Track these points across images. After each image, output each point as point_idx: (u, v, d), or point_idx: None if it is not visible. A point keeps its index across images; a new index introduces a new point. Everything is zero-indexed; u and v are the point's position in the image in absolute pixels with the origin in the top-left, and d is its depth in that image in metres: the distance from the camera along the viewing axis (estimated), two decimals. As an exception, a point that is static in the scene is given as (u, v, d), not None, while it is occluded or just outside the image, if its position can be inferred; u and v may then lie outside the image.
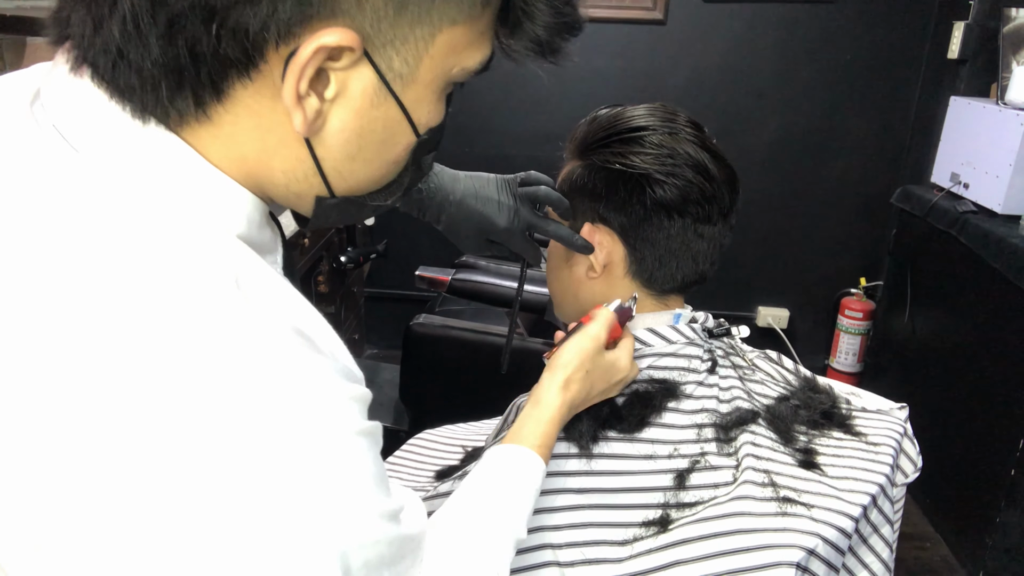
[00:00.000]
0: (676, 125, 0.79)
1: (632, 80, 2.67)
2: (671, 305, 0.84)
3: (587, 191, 0.80)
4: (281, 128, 0.47)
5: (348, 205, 0.54)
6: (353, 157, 0.50)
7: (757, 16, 2.58)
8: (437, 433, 1.12)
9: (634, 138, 0.77)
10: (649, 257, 0.79)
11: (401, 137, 0.51)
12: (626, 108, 0.81)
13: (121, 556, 0.39)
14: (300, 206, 0.53)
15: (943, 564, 2.04)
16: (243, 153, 0.47)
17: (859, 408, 0.88)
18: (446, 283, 1.77)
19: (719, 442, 0.77)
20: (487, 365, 1.81)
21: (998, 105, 2.04)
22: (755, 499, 0.72)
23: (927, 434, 2.20)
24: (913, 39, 2.57)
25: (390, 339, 3.01)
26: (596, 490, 0.73)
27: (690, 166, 0.77)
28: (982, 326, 2.01)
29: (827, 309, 2.87)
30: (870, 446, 0.83)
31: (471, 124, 2.75)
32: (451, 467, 1.02)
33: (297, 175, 0.49)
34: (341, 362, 0.46)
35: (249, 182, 0.49)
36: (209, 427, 0.39)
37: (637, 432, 0.76)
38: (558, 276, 0.87)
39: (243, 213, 0.49)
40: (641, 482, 0.74)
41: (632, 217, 0.78)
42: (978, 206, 2.07)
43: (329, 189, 0.51)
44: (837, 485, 0.76)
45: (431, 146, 0.55)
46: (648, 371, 0.79)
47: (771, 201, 2.75)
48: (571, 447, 0.75)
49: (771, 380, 0.89)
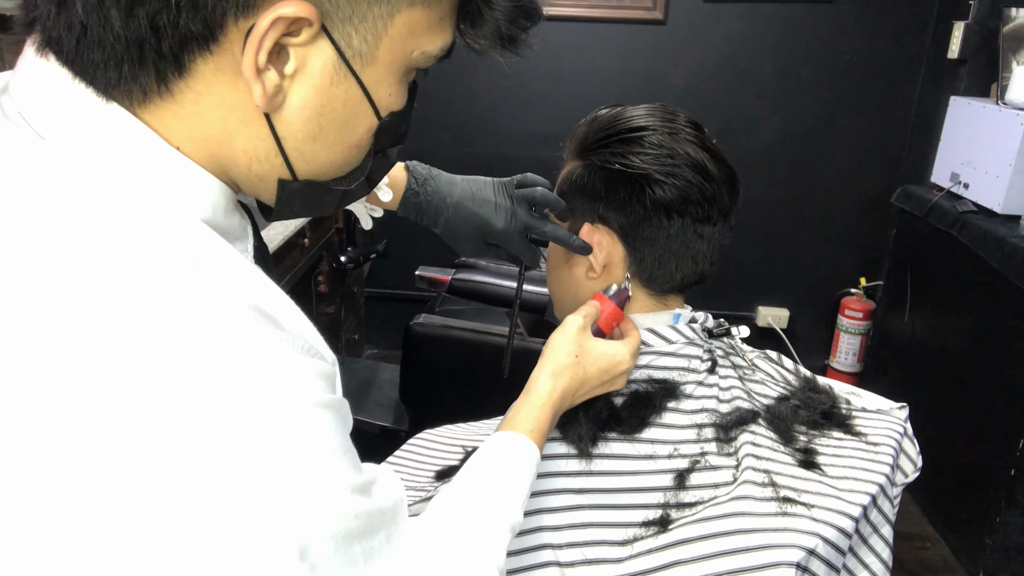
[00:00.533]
0: (676, 125, 0.79)
1: (632, 80, 2.67)
2: (671, 305, 0.84)
3: (587, 191, 0.80)
4: (243, 106, 0.47)
5: (312, 191, 0.54)
6: (315, 137, 0.50)
7: (757, 16, 2.58)
8: (437, 433, 1.12)
9: (634, 138, 0.77)
10: (649, 257, 0.79)
11: (362, 119, 0.52)
12: (626, 108, 0.81)
13: (73, 525, 0.39)
14: (263, 190, 0.54)
15: (943, 564, 2.04)
16: (206, 132, 0.48)
17: (859, 408, 0.88)
18: (446, 283, 1.77)
19: (719, 442, 0.77)
20: (487, 365, 1.81)
21: (998, 105, 2.04)
22: (755, 499, 0.72)
23: (927, 434, 2.20)
24: (913, 39, 2.57)
25: (390, 339, 3.01)
26: (596, 490, 0.73)
27: (690, 166, 0.77)
28: (982, 326, 2.01)
29: (827, 309, 2.87)
30: (870, 446, 0.83)
31: (471, 124, 2.75)
32: (451, 467, 1.02)
33: (259, 154, 0.50)
34: (308, 341, 0.46)
35: (213, 165, 0.50)
36: (161, 401, 0.39)
37: (637, 432, 0.76)
38: (558, 276, 0.87)
39: (206, 197, 0.49)
40: (641, 482, 0.74)
41: (632, 217, 0.78)
42: (978, 206, 2.07)
43: (292, 171, 0.52)
44: (837, 485, 0.76)
45: (395, 133, 0.56)
46: (648, 371, 0.79)
47: (771, 201, 2.76)
48: (571, 448, 0.75)
49: (771, 380, 0.89)
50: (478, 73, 2.69)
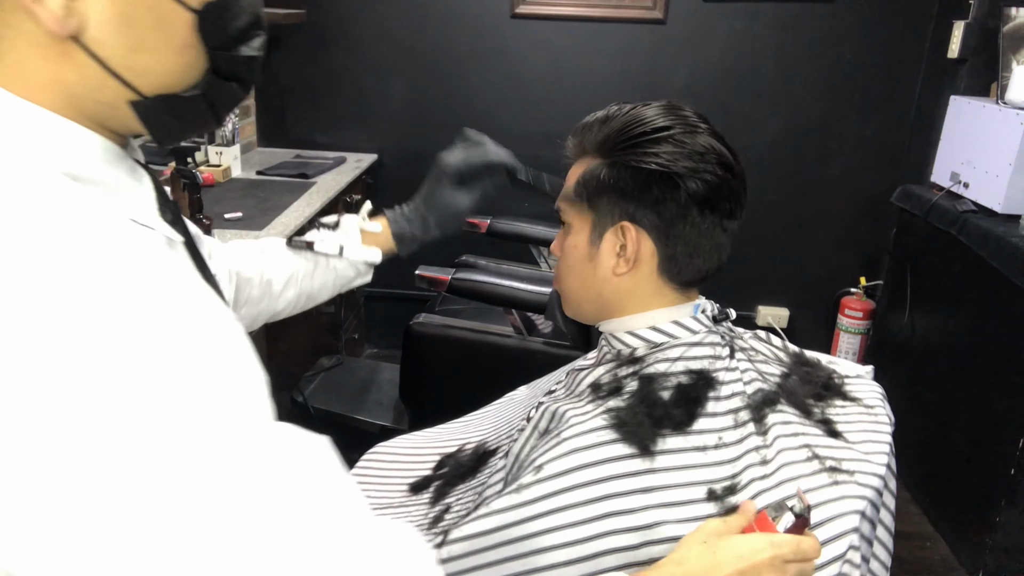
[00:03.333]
0: (692, 121, 0.81)
1: (632, 80, 2.67)
2: (691, 297, 0.85)
3: (617, 190, 0.80)
4: (50, 37, 0.47)
5: (171, 104, 0.53)
6: (135, 48, 0.49)
7: (757, 15, 2.58)
8: (393, 446, 1.12)
9: (663, 137, 0.79)
10: (680, 253, 0.80)
11: (174, 17, 0.50)
12: (639, 107, 0.82)
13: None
14: (128, 120, 0.52)
15: (943, 564, 2.04)
16: (38, 77, 0.48)
17: (845, 375, 0.93)
18: (446, 282, 1.77)
19: (755, 423, 0.80)
20: (487, 364, 1.81)
21: (998, 104, 2.04)
22: (806, 475, 0.75)
23: (927, 434, 2.21)
24: (913, 39, 2.57)
25: (390, 338, 3.01)
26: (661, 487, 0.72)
27: (718, 163, 0.79)
28: (982, 325, 2.01)
29: (827, 308, 2.87)
30: (869, 409, 0.87)
31: (471, 124, 2.73)
32: (427, 478, 1.02)
33: (93, 83, 0.49)
34: None
35: (72, 111, 0.49)
36: None
37: (689, 426, 0.77)
38: (579, 275, 0.86)
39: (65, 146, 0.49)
40: (699, 476, 0.74)
41: (665, 214, 0.79)
42: (978, 205, 2.07)
43: (135, 89, 0.50)
44: (860, 448, 0.80)
45: (228, 24, 0.53)
46: (684, 362, 0.81)
47: (771, 200, 2.76)
48: (632, 447, 0.74)
49: (769, 359, 0.92)
50: (478, 73, 2.70)
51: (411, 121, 2.77)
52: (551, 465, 0.72)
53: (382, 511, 1.01)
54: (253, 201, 2.16)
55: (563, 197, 0.86)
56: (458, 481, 1.00)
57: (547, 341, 1.78)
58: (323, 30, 2.71)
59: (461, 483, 1.00)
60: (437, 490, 0.99)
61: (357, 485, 0.49)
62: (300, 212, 2.07)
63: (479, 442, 1.07)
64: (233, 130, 2.44)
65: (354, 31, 2.71)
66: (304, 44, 2.73)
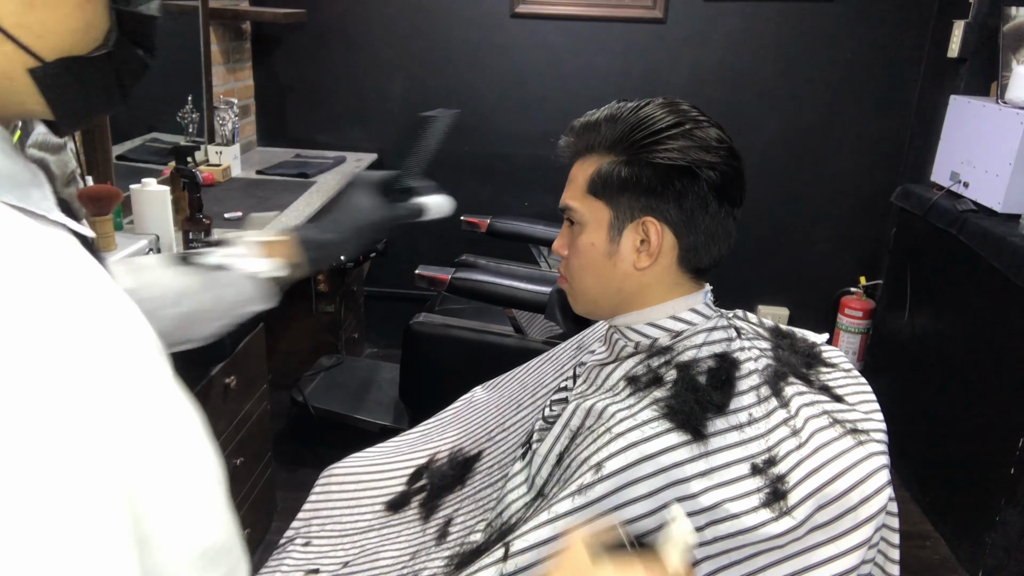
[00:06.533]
0: (696, 115, 0.83)
1: (632, 79, 2.67)
2: (702, 284, 0.87)
3: (639, 187, 0.81)
4: None
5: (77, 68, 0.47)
6: (30, 3, 0.43)
7: (757, 15, 2.58)
8: (349, 466, 1.10)
9: (680, 132, 0.81)
10: (700, 243, 0.83)
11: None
12: (643, 104, 0.84)
13: None
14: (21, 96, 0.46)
15: (943, 563, 2.04)
16: None
17: (816, 343, 0.97)
18: (446, 282, 1.77)
19: (775, 396, 0.82)
20: (487, 364, 1.81)
21: (998, 104, 2.04)
22: (835, 439, 0.79)
23: (927, 433, 2.21)
24: (913, 38, 2.57)
25: (390, 338, 3.01)
26: (716, 468, 0.74)
27: (729, 153, 0.82)
28: (982, 325, 2.01)
29: (827, 308, 2.87)
30: (847, 372, 0.92)
31: (471, 124, 2.75)
32: (403, 494, 1.02)
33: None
34: None
35: None
36: None
37: (728, 407, 0.79)
38: (596, 272, 0.86)
39: None
40: (741, 453, 0.76)
41: (685, 207, 0.81)
42: (978, 205, 2.07)
43: (32, 53, 0.44)
44: (861, 409, 0.85)
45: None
46: (707, 347, 0.83)
47: (771, 200, 2.76)
48: (684, 435, 0.75)
49: (756, 336, 0.94)
50: (478, 73, 2.70)
51: (411, 121, 2.76)
52: (611, 462, 0.73)
53: (362, 535, 1.01)
54: (253, 201, 2.16)
55: (573, 195, 0.85)
56: (445, 492, 0.99)
57: (548, 340, 1.78)
58: (323, 30, 2.71)
59: (450, 493, 0.99)
60: (424, 504, 0.99)
61: None
62: (300, 211, 2.07)
63: (451, 450, 1.06)
64: (233, 129, 2.44)
65: (354, 31, 2.71)
66: (304, 44, 2.73)
